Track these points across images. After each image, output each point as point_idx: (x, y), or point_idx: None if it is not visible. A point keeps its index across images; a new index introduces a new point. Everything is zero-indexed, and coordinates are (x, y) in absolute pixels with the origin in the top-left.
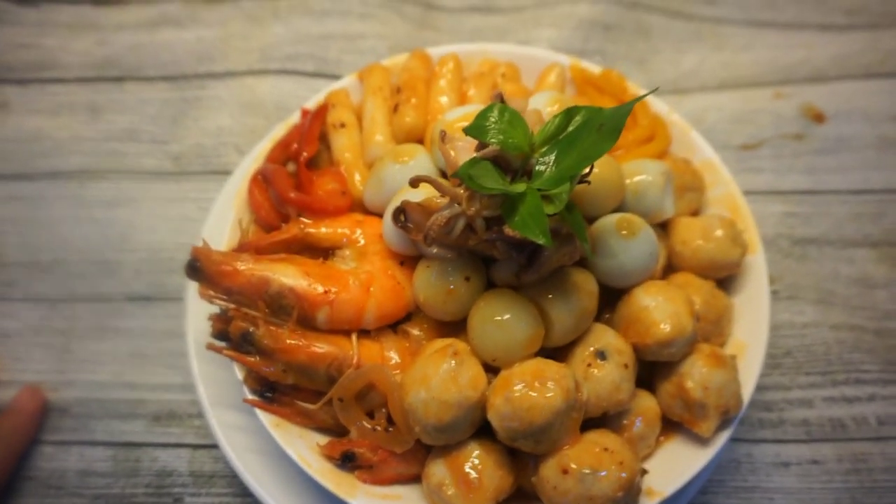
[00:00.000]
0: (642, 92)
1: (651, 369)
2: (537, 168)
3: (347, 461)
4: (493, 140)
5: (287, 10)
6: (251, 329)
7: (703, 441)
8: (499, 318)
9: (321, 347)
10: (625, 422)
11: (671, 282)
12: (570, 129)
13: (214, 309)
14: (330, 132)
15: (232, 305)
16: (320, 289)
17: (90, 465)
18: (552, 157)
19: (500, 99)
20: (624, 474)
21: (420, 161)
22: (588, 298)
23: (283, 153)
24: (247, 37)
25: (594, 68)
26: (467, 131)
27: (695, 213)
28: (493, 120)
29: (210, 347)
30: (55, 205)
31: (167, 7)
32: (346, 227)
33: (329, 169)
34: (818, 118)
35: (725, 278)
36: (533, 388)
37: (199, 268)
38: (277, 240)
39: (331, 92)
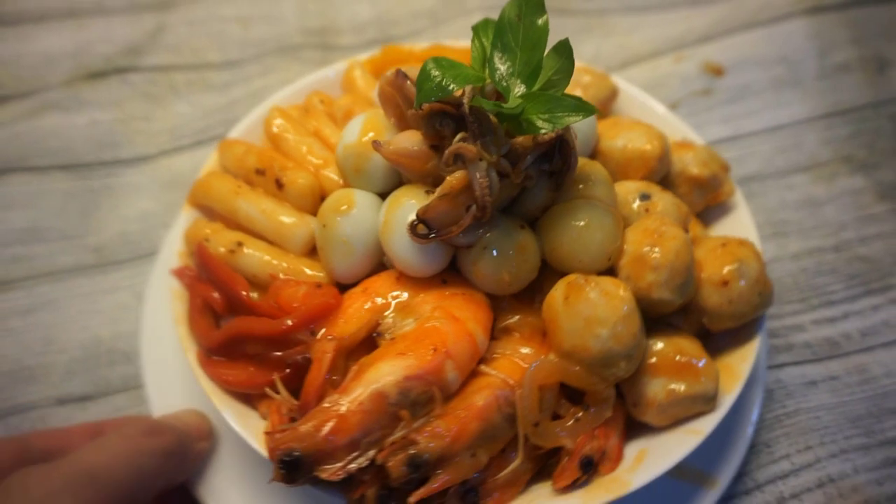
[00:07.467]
0: None
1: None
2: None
3: (588, 467)
4: (457, 88)
5: (185, 84)
6: (412, 451)
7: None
8: (579, 223)
9: (478, 400)
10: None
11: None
12: (499, 41)
13: None
14: (230, 261)
15: (372, 452)
16: (428, 352)
17: None
18: (503, 67)
19: (400, 71)
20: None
21: (363, 196)
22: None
23: (206, 315)
24: (149, 118)
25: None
26: (420, 99)
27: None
28: (436, 73)
29: None
30: None
31: (46, 95)
32: (362, 303)
33: (272, 286)
34: (718, 72)
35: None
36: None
37: (300, 459)
38: (323, 372)
39: (187, 230)
